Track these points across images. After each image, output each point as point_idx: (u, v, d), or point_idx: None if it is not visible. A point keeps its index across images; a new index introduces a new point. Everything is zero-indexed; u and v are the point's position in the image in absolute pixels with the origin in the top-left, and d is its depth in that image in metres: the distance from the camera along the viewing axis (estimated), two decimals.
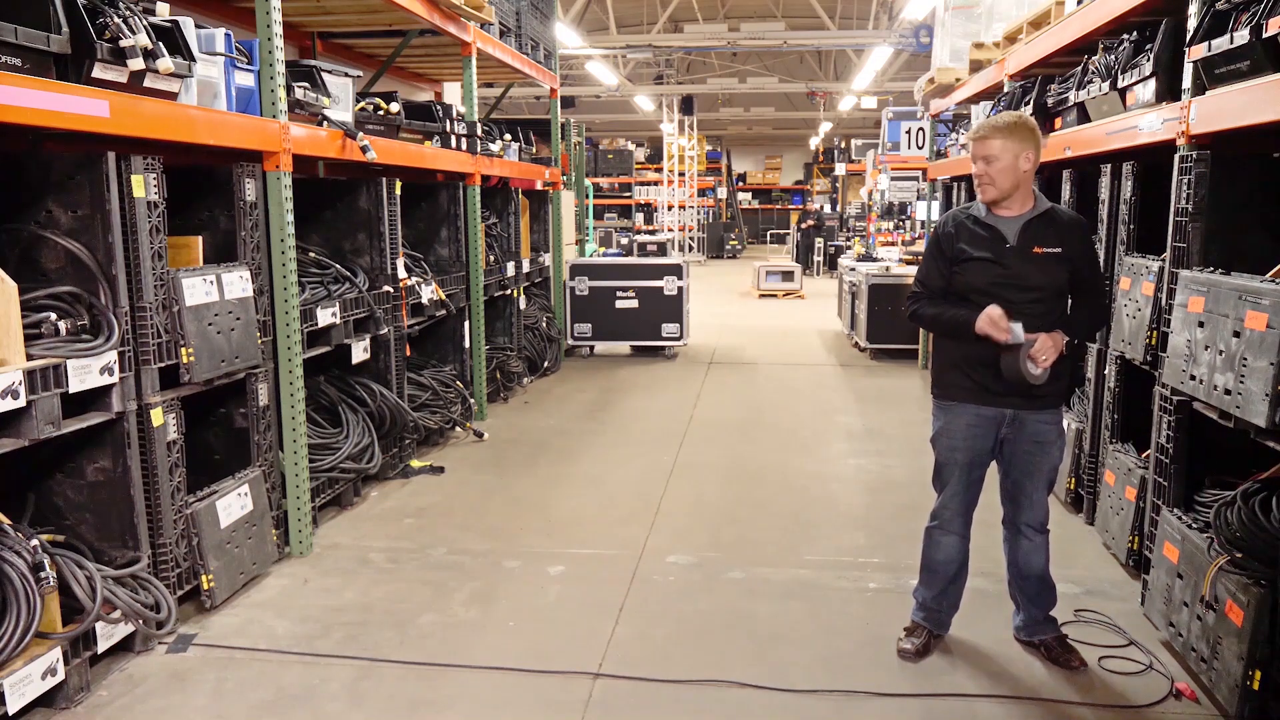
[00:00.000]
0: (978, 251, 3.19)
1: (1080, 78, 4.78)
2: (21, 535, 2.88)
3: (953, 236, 3.24)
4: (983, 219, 3.22)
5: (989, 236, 3.19)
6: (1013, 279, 3.14)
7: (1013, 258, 3.16)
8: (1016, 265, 3.15)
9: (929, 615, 3.43)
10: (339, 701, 3.08)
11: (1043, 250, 3.15)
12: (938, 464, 3.38)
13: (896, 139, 12.90)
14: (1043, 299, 3.15)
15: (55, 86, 2.82)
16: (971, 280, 3.19)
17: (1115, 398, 4.34)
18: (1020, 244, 3.16)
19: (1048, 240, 3.16)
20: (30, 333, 2.92)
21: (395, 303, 5.32)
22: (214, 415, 4.02)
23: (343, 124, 4.58)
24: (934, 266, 3.30)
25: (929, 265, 3.33)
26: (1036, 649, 3.37)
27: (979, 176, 3.18)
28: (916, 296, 3.34)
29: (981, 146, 3.15)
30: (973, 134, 3.22)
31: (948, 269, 3.25)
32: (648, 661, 3.33)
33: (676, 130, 23.57)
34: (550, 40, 8.81)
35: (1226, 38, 3.11)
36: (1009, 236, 3.17)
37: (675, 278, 9.38)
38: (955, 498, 3.34)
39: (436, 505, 5.01)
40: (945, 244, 3.26)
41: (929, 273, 3.32)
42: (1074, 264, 3.19)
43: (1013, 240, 3.17)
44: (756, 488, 5.33)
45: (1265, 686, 2.70)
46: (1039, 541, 3.33)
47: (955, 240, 3.24)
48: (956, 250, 3.22)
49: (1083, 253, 3.23)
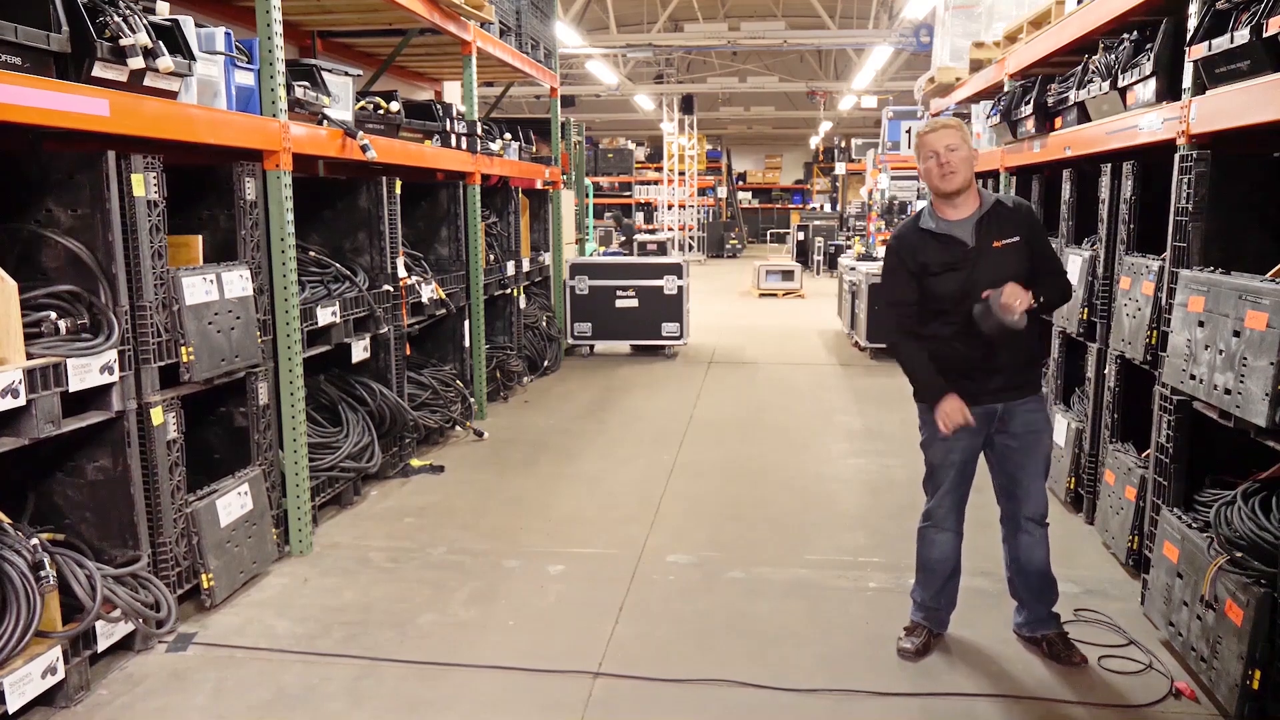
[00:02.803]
0: (939, 263, 3.19)
1: (1080, 77, 4.77)
2: (21, 534, 2.88)
3: (913, 250, 3.24)
4: (936, 231, 3.21)
5: (947, 245, 3.19)
6: (980, 280, 3.13)
7: (975, 259, 3.16)
8: (981, 265, 3.15)
9: (928, 615, 3.43)
10: (339, 701, 3.08)
11: (1002, 243, 3.16)
12: (931, 468, 3.39)
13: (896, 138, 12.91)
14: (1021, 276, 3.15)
15: (55, 85, 2.82)
16: (940, 290, 3.20)
17: (1115, 397, 4.34)
18: (979, 243, 3.17)
19: (1005, 232, 3.18)
20: (30, 331, 2.92)
21: (395, 302, 5.32)
22: (214, 414, 4.02)
23: (343, 123, 4.58)
24: (900, 282, 3.29)
25: (896, 281, 3.32)
26: (1038, 645, 3.37)
27: (942, 167, 3.14)
28: (895, 317, 3.34)
29: (941, 137, 3.16)
30: (928, 128, 3.22)
31: (914, 282, 3.25)
32: (648, 661, 3.33)
33: (676, 129, 23.57)
34: (550, 39, 8.81)
35: (1227, 37, 3.10)
36: (966, 239, 3.18)
37: (675, 277, 9.38)
38: (948, 495, 3.35)
39: (436, 504, 5.01)
40: (906, 257, 3.25)
41: (898, 289, 3.31)
42: (1031, 247, 3.20)
43: (971, 240, 3.17)
44: (756, 487, 5.33)
45: (1265, 686, 2.70)
46: (1039, 535, 3.34)
47: (915, 255, 3.23)
48: (919, 265, 3.22)
49: (1038, 234, 3.25)
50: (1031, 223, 3.26)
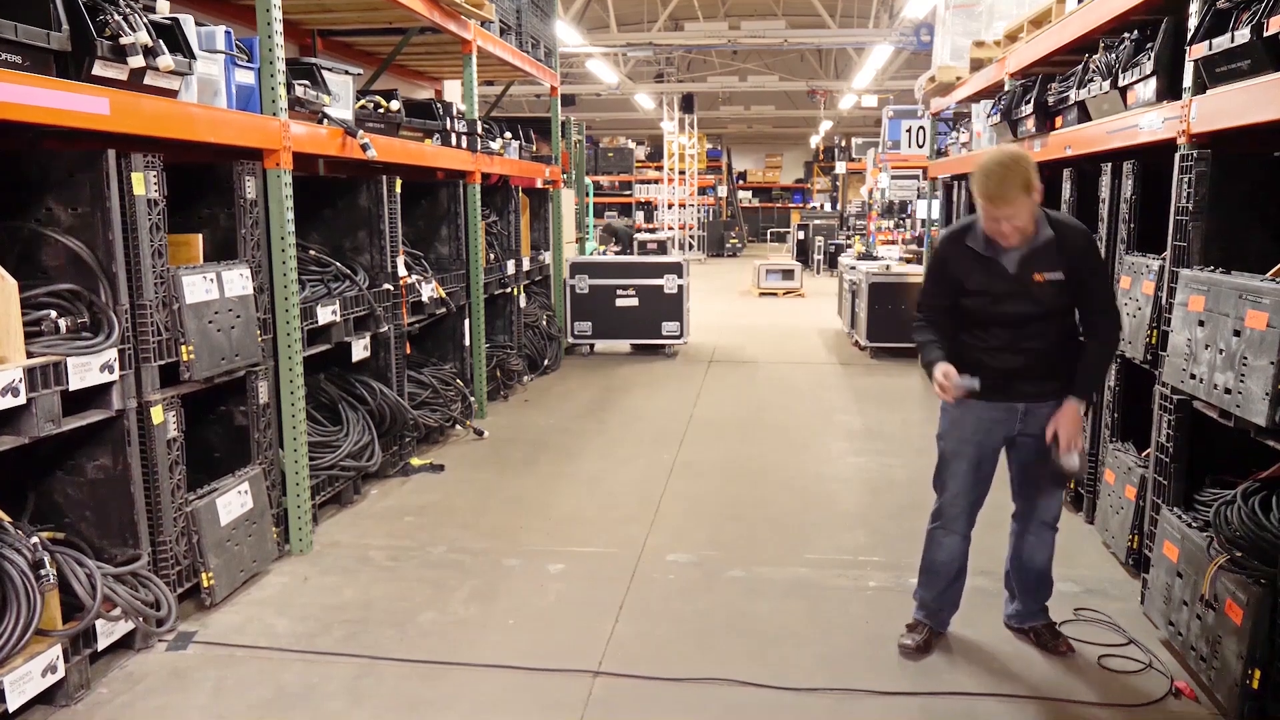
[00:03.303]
0: (976, 285, 3.17)
1: (1081, 76, 4.77)
2: (21, 533, 2.88)
3: (954, 263, 3.21)
4: (982, 252, 3.15)
5: (988, 268, 3.15)
6: (1011, 309, 3.14)
7: (1011, 288, 3.11)
8: (1015, 295, 3.12)
9: (930, 614, 3.44)
10: (339, 700, 3.08)
11: (1044, 277, 3.09)
12: (943, 459, 3.36)
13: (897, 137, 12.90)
14: (1045, 319, 3.16)
15: (55, 84, 2.82)
16: (972, 308, 3.20)
17: (1115, 396, 4.34)
18: (1020, 273, 3.11)
19: (1050, 265, 3.08)
20: (30, 330, 2.92)
21: (395, 301, 5.31)
22: (214, 413, 4.02)
23: (343, 122, 4.58)
24: (937, 287, 3.31)
25: (932, 285, 3.34)
26: (1026, 635, 3.43)
27: (999, 233, 3.04)
28: (924, 313, 3.34)
29: (998, 208, 2.98)
30: (985, 194, 2.99)
31: (950, 289, 3.24)
32: (647, 660, 3.33)
33: (677, 128, 23.57)
34: (550, 38, 8.80)
35: (1227, 36, 3.10)
36: (1009, 266, 3.12)
37: (675, 276, 9.38)
38: (960, 497, 3.33)
39: (436, 503, 5.01)
40: (947, 266, 3.25)
41: (932, 292, 3.33)
42: (1083, 284, 3.12)
43: (1013, 269, 3.12)
44: (756, 486, 5.33)
45: (1264, 685, 2.70)
46: (1048, 538, 3.37)
47: (955, 269, 3.21)
48: (955, 279, 3.21)
49: (1090, 267, 3.14)
50: (1085, 255, 3.13)
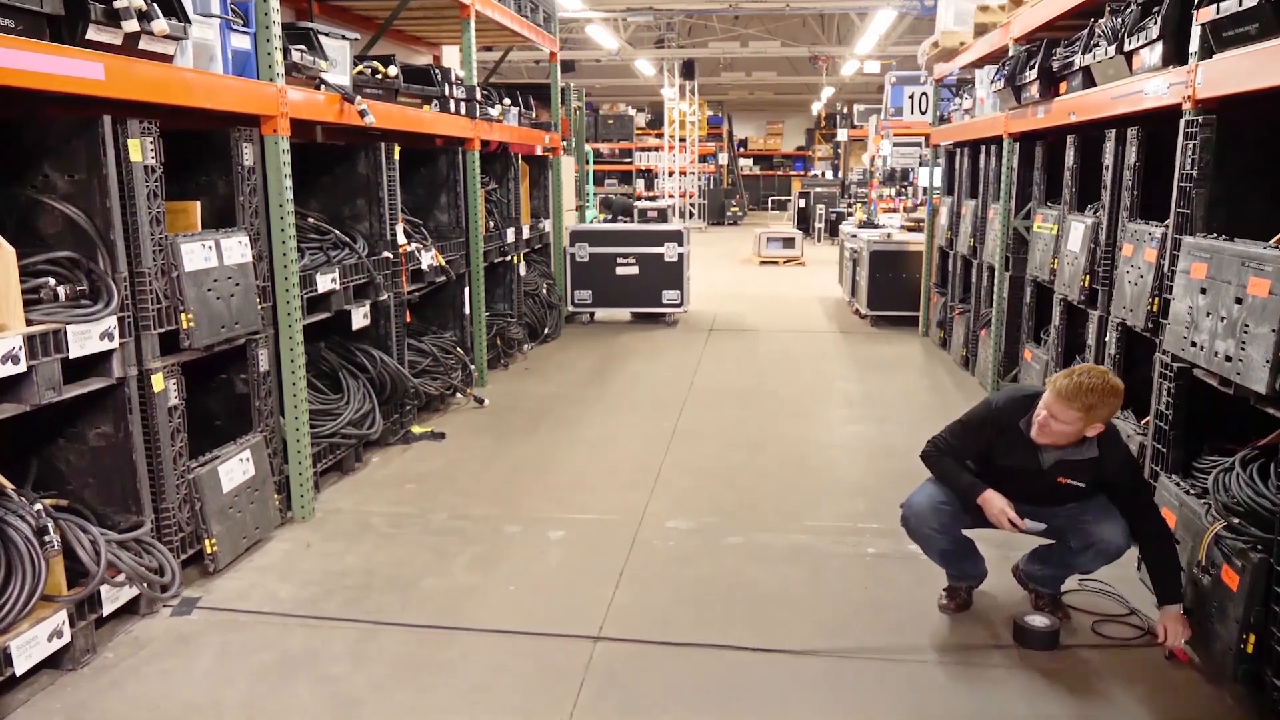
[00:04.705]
0: (1005, 460, 3.22)
1: (1086, 41, 4.71)
2: (25, 500, 2.90)
3: (996, 431, 3.23)
4: (1028, 437, 3.16)
5: (1023, 452, 3.19)
6: (1028, 488, 3.21)
7: (1037, 481, 3.20)
8: (1035, 481, 3.20)
9: (960, 580, 3.47)
10: (342, 663, 3.11)
11: (1067, 481, 3.17)
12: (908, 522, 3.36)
13: (899, 104, 12.76)
14: (1058, 504, 3.25)
15: (49, 48, 2.79)
16: (996, 477, 3.23)
17: (1115, 364, 4.34)
18: (1050, 470, 3.17)
19: (1080, 476, 3.16)
20: (29, 298, 2.91)
21: (395, 269, 5.30)
22: (215, 381, 4.02)
23: (340, 88, 4.54)
24: (968, 442, 3.29)
25: (964, 436, 3.30)
26: (1028, 592, 3.49)
27: (1042, 423, 3.08)
28: (937, 447, 3.32)
29: (1066, 410, 3.00)
30: (1068, 394, 2.98)
31: (976, 452, 3.27)
32: (648, 625, 3.36)
33: (677, 95, 23.34)
34: (550, 3, 8.70)
35: (1235, 0, 3.06)
36: (1044, 460, 3.18)
37: (676, 244, 9.34)
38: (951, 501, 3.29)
39: (437, 471, 5.03)
40: (988, 432, 3.25)
41: (958, 442, 3.30)
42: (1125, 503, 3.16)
43: (1045, 464, 3.18)
44: (756, 454, 5.35)
45: (1259, 650, 2.73)
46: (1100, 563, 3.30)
47: (993, 436, 3.23)
48: (990, 447, 3.25)
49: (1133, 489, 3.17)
50: (1117, 479, 3.16)
